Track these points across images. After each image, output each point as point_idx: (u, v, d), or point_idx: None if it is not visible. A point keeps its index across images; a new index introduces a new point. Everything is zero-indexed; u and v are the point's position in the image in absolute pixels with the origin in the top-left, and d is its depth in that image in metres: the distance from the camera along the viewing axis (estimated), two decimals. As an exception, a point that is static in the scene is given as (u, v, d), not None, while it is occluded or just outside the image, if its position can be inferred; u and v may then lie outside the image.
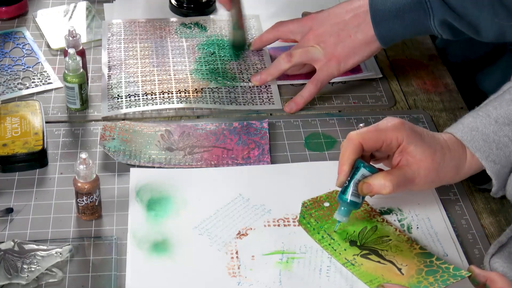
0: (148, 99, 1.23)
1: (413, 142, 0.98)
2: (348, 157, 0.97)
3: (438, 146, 1.00)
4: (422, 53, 1.39)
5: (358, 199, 0.98)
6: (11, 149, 1.08)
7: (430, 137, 1.01)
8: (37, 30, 1.39)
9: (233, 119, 1.20)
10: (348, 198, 0.98)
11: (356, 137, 0.98)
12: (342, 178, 0.97)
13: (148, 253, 0.98)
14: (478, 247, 1.01)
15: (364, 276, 0.95)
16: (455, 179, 1.04)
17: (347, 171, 0.97)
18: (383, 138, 0.98)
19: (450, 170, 1.01)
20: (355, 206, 0.98)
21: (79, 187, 0.99)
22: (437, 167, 0.99)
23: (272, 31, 1.30)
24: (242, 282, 0.95)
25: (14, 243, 0.96)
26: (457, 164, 1.01)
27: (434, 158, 0.99)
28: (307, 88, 1.22)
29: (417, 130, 1.00)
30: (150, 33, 1.38)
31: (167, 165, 1.11)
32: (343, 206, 0.98)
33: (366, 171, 0.97)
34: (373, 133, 0.99)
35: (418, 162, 0.98)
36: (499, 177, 1.01)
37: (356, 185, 0.97)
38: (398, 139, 0.98)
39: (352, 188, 0.97)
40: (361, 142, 0.98)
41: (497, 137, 1.01)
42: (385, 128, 0.99)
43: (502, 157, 1.01)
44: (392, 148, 1.00)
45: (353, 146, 0.97)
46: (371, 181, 0.97)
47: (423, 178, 0.99)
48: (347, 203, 0.98)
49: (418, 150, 0.98)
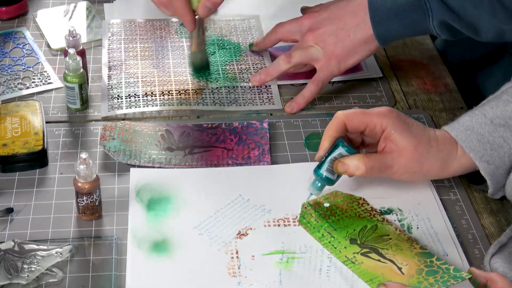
0: (148, 100, 1.23)
1: (397, 130, 1.01)
2: (330, 134, 1.01)
3: (425, 138, 1.02)
4: (422, 53, 1.39)
5: (333, 176, 1.02)
6: (11, 149, 1.08)
7: (418, 128, 1.02)
8: (37, 30, 1.39)
9: (233, 119, 1.20)
10: (322, 173, 1.01)
11: (341, 116, 1.02)
12: (320, 153, 1.01)
13: (148, 253, 0.98)
14: (478, 247, 1.01)
15: (365, 275, 0.95)
16: (442, 174, 1.05)
17: (326, 146, 1.01)
18: (367, 121, 1.01)
19: (435, 164, 1.02)
20: (329, 182, 1.02)
21: (79, 187, 0.99)
22: (419, 158, 1.01)
23: (273, 34, 1.30)
24: (242, 282, 0.95)
25: (14, 243, 0.96)
26: (444, 159, 1.02)
27: (417, 149, 1.01)
28: (308, 88, 1.22)
29: (405, 119, 1.02)
30: (150, 33, 1.38)
31: (167, 165, 1.11)
32: (317, 180, 1.02)
33: (344, 150, 1.01)
34: (358, 114, 1.02)
35: (400, 150, 1.01)
36: (494, 178, 1.02)
37: (332, 162, 1.01)
38: (383, 124, 1.01)
39: (327, 164, 1.01)
40: (344, 121, 1.01)
41: (492, 138, 1.01)
42: (371, 113, 1.02)
43: (496, 157, 1.01)
44: (376, 134, 1.02)
45: (337, 123, 1.01)
46: (346, 161, 1.00)
47: (403, 166, 1.01)
48: (321, 178, 1.02)
49: (401, 138, 1.01)
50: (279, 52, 1.32)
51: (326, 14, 1.22)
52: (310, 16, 1.23)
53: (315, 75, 1.22)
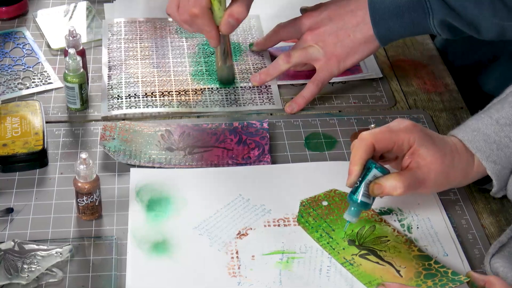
0: (148, 100, 1.23)
1: (424, 145, 0.98)
2: (360, 157, 0.96)
3: (448, 149, 1.00)
4: (422, 53, 1.39)
5: (369, 200, 0.97)
6: (11, 149, 1.08)
7: (440, 140, 1.01)
8: (37, 30, 1.39)
9: (233, 119, 1.20)
10: (358, 198, 0.97)
11: (368, 137, 0.97)
12: (353, 179, 0.97)
13: (148, 253, 0.98)
14: (478, 247, 1.01)
15: (363, 277, 0.95)
16: (464, 182, 1.04)
17: (358, 171, 0.96)
18: (395, 139, 0.98)
19: (459, 173, 1.01)
20: (365, 206, 0.97)
21: (79, 187, 0.99)
22: (446, 170, 0.99)
23: (273, 35, 1.29)
24: (242, 282, 0.95)
25: (14, 243, 0.96)
26: (465, 167, 1.01)
27: (444, 161, 0.99)
28: (308, 88, 1.22)
29: (428, 133, 1.00)
30: (150, 32, 1.38)
31: (167, 165, 1.11)
32: (353, 206, 0.97)
33: (378, 171, 0.97)
34: (385, 133, 0.98)
35: (428, 165, 0.98)
36: (500, 177, 1.01)
37: (367, 186, 0.97)
38: (410, 141, 0.98)
39: (363, 189, 0.97)
40: (373, 143, 0.97)
41: (498, 138, 1.01)
42: (398, 130, 0.99)
43: (503, 157, 1.01)
44: (403, 150, 0.99)
45: (365, 146, 0.97)
46: (383, 182, 0.96)
47: (433, 180, 0.99)
48: (358, 203, 0.97)
49: (429, 152, 0.98)
50: (279, 52, 1.32)
51: (326, 13, 1.21)
52: (310, 16, 1.23)
53: (315, 75, 1.22)
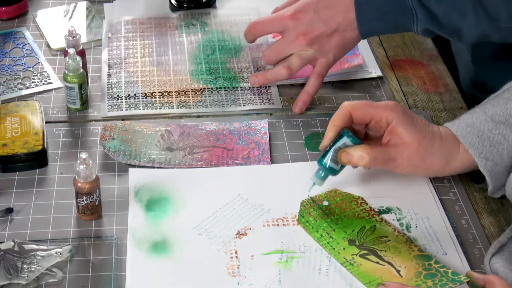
0: (148, 101, 1.22)
1: (402, 124, 1.01)
2: (336, 123, 1.01)
3: (429, 133, 1.02)
4: (422, 53, 1.39)
5: (336, 166, 1.02)
6: (11, 149, 1.09)
7: (423, 124, 1.03)
8: (37, 30, 1.39)
9: (233, 119, 1.20)
10: (327, 163, 1.01)
11: (347, 106, 1.02)
12: (325, 143, 1.02)
13: (148, 253, 0.98)
14: (478, 247, 1.01)
15: (363, 277, 0.95)
16: (444, 171, 1.05)
17: (331, 136, 1.01)
18: (373, 113, 1.02)
19: (438, 160, 1.03)
20: (332, 171, 1.02)
21: (79, 187, 0.99)
22: (422, 152, 1.02)
23: (250, 32, 1.25)
24: (242, 282, 0.95)
25: (14, 243, 0.96)
26: (446, 155, 1.03)
27: (421, 143, 1.01)
28: (310, 84, 1.22)
29: (410, 114, 1.03)
30: (150, 30, 1.38)
31: (167, 165, 1.11)
32: (321, 170, 1.02)
33: (349, 140, 1.01)
34: (364, 105, 1.02)
35: (403, 144, 1.01)
36: (493, 174, 1.02)
37: (336, 152, 1.01)
38: (388, 118, 1.02)
39: (331, 154, 1.01)
40: (350, 111, 1.02)
41: (491, 135, 1.02)
42: (378, 105, 1.03)
43: (496, 154, 1.01)
44: (381, 126, 1.03)
45: (342, 113, 1.02)
46: (351, 151, 1.00)
47: (405, 160, 1.02)
48: (325, 167, 1.01)
49: (406, 132, 1.01)
50: None
51: (314, 15, 1.19)
52: (295, 17, 1.20)
53: (314, 69, 1.22)
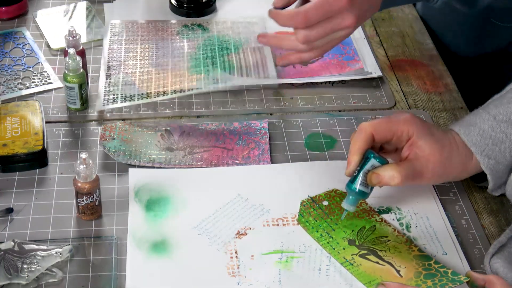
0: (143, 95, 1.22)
1: (423, 137, 1.00)
2: (359, 147, 0.98)
3: (447, 142, 1.02)
4: (422, 53, 1.39)
5: (367, 189, 0.99)
6: (11, 149, 1.09)
7: (439, 133, 1.03)
8: (37, 30, 1.39)
9: (233, 119, 1.20)
10: (356, 187, 0.98)
11: (368, 128, 0.99)
12: (352, 168, 0.99)
13: (148, 253, 0.98)
14: (478, 247, 1.01)
15: (363, 277, 0.95)
16: (463, 175, 1.05)
17: (357, 160, 0.98)
18: (394, 130, 1.00)
19: (457, 166, 1.02)
20: (363, 195, 0.99)
21: (79, 187, 0.99)
22: (444, 162, 1.01)
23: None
24: (242, 281, 0.95)
25: (14, 243, 0.96)
26: (464, 160, 1.02)
27: (442, 153, 1.00)
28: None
29: (427, 125, 1.02)
30: (151, 34, 1.38)
31: (167, 165, 1.11)
32: (351, 195, 0.99)
33: (376, 161, 0.98)
34: (385, 124, 1.00)
35: (426, 156, 1.00)
36: (494, 172, 1.02)
37: (365, 175, 0.98)
38: (409, 132, 1.00)
39: (361, 178, 0.98)
40: (372, 133, 0.99)
41: (494, 133, 1.02)
42: (397, 121, 1.00)
43: (497, 152, 1.01)
44: (402, 141, 1.01)
45: (364, 136, 0.99)
46: (381, 172, 0.98)
47: (430, 171, 1.00)
48: (355, 192, 0.99)
49: (427, 144, 1.00)
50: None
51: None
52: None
53: None
